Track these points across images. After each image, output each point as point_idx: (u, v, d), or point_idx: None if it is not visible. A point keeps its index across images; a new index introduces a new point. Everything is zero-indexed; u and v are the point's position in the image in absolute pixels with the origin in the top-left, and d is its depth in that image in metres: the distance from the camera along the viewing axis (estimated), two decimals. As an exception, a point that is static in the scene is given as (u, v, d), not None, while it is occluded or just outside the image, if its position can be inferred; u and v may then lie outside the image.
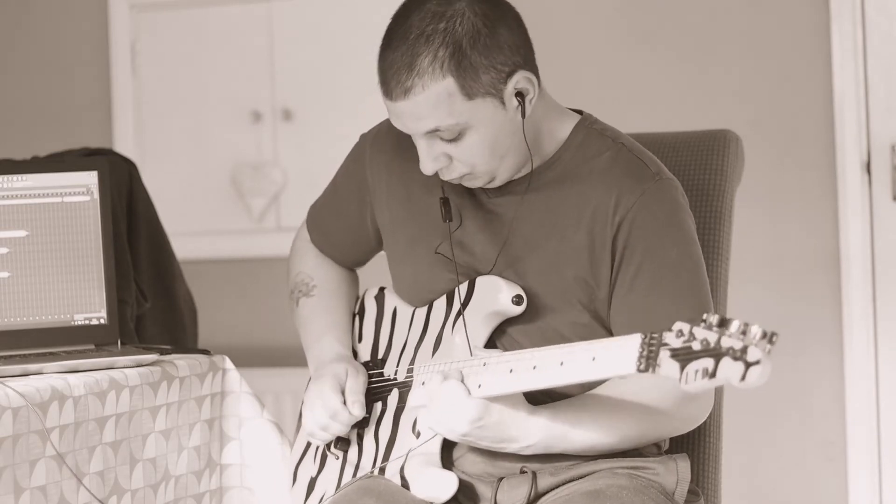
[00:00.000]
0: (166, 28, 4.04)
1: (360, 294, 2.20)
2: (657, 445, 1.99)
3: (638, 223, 1.90)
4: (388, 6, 1.93)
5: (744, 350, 1.55)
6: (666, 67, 3.62)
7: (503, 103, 1.87)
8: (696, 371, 1.57)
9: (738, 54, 3.58)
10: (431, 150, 1.90)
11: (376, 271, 2.28)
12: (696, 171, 2.21)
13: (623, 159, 1.95)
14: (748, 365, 1.54)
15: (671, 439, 2.06)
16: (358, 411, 2.00)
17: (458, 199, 2.00)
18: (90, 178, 2.19)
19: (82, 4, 4.10)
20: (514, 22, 1.89)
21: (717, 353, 1.56)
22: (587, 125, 1.99)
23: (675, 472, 1.93)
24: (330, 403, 2.00)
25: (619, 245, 1.91)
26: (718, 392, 2.16)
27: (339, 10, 3.88)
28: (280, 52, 3.94)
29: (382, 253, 2.18)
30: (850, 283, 3.46)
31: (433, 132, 1.87)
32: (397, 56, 1.84)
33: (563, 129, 1.98)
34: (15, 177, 2.15)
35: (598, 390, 1.91)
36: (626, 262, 1.91)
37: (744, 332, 1.56)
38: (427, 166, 1.91)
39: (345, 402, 2.00)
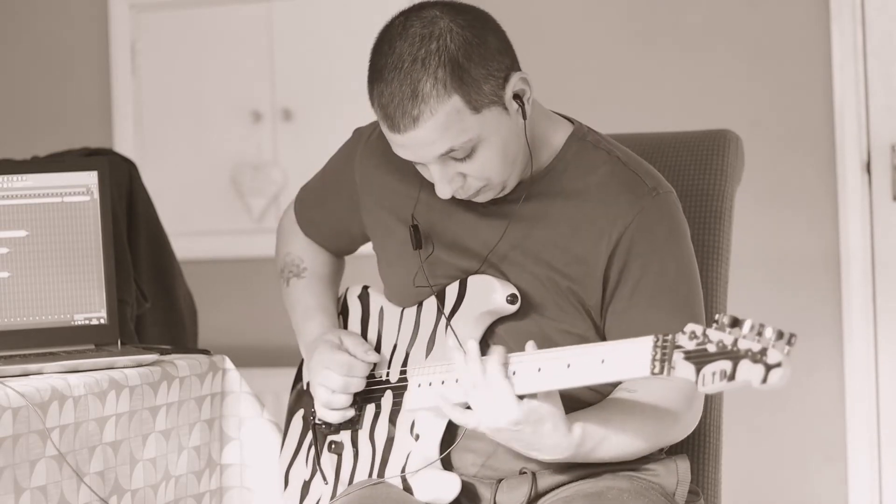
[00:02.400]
0: (166, 28, 4.04)
1: (342, 293, 2.18)
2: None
3: (636, 239, 1.89)
4: (389, 6, 1.92)
5: (763, 352, 1.53)
6: (666, 67, 3.62)
7: (506, 109, 1.85)
8: (714, 373, 1.56)
9: (738, 54, 3.57)
10: (445, 172, 1.86)
11: (362, 271, 2.27)
12: (696, 171, 2.21)
13: (619, 174, 1.92)
14: (769, 367, 1.53)
15: (671, 439, 2.07)
16: (373, 357, 2.00)
17: (449, 200, 1.97)
18: (90, 178, 2.19)
19: (82, 4, 4.10)
20: (496, 26, 1.88)
21: (734, 356, 1.55)
22: (580, 136, 1.97)
23: (676, 473, 1.93)
24: (339, 359, 1.98)
25: (617, 261, 1.89)
26: (718, 393, 2.15)
27: (339, 10, 3.88)
28: (280, 52, 3.94)
29: (369, 253, 2.16)
30: (850, 282, 3.46)
31: (446, 154, 1.84)
32: (395, 87, 1.80)
33: (557, 137, 1.97)
34: (15, 177, 2.15)
35: (627, 396, 1.87)
36: (623, 278, 1.89)
37: (759, 334, 1.54)
38: (444, 190, 1.88)
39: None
